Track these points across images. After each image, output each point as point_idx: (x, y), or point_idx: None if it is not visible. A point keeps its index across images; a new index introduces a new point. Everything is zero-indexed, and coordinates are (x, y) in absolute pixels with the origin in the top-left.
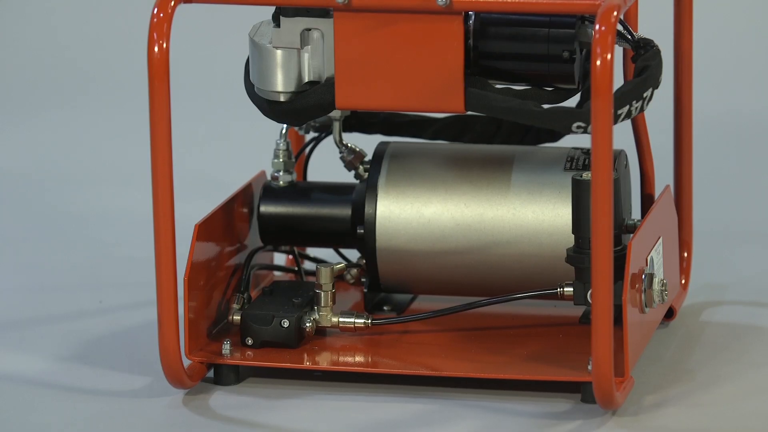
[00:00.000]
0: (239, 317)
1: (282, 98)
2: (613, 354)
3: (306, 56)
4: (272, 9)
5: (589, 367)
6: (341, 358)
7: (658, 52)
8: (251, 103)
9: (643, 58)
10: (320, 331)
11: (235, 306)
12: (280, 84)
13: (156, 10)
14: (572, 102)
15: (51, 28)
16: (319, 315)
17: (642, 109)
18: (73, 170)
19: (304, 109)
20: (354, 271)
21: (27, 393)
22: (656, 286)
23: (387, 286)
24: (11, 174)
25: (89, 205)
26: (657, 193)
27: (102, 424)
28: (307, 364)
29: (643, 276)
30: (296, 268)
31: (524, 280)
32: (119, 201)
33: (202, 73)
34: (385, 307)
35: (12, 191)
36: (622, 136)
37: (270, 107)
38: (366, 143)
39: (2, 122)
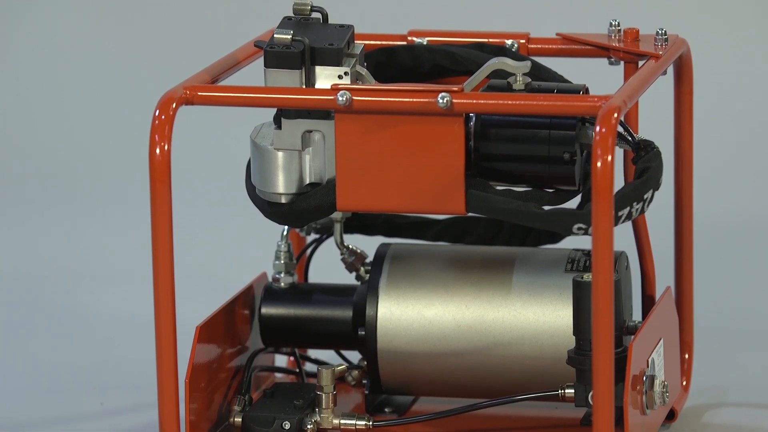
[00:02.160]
0: (240, 419)
1: (283, 200)
2: None
3: (307, 158)
4: (273, 110)
5: None
6: None
7: (659, 153)
8: (252, 203)
9: (643, 159)
10: None
11: (237, 408)
12: (282, 186)
13: (158, 112)
14: (573, 203)
15: (53, 125)
16: (320, 417)
17: (643, 211)
18: (74, 269)
19: (306, 211)
20: (355, 372)
21: None
22: (657, 387)
23: (388, 387)
24: (12, 273)
25: (90, 305)
26: (658, 294)
27: None
28: None
29: (644, 378)
30: (297, 370)
31: (525, 382)
32: (120, 301)
33: (203, 172)
34: (386, 409)
35: (13, 291)
36: (623, 236)
37: (271, 209)
38: (367, 245)
39: (2, 221)
